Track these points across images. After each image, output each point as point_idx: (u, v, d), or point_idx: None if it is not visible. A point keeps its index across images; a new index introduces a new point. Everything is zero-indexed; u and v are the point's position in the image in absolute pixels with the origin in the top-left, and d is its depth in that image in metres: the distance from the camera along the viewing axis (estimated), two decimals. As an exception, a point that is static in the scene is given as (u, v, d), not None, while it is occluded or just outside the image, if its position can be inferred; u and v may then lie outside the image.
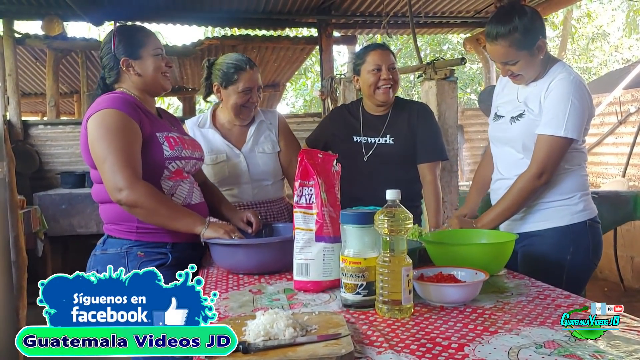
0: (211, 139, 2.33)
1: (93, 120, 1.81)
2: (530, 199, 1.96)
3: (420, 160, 2.47)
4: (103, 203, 1.90)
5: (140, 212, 1.79)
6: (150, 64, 1.92)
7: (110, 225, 1.90)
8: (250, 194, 2.32)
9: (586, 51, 16.52)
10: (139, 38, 1.93)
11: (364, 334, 1.21)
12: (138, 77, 1.92)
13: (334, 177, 1.65)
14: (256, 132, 2.35)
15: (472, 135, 7.72)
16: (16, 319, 3.27)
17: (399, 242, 1.31)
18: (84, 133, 1.84)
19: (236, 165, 2.30)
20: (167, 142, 1.88)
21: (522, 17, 1.90)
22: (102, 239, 1.93)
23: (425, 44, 15.08)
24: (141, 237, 1.86)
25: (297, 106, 18.13)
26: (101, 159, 1.77)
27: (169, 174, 1.89)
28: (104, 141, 1.77)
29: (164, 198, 1.84)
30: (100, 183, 1.85)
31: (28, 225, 4.55)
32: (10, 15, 6.07)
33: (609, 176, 6.64)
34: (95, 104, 1.84)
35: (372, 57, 2.39)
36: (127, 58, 1.91)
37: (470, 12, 6.82)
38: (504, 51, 1.92)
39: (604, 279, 5.25)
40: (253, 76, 2.25)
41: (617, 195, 4.19)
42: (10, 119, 5.92)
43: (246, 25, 6.77)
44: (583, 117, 1.91)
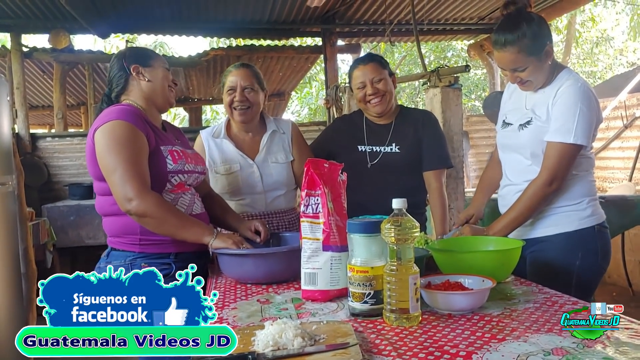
0: (225, 149, 2.34)
1: (101, 132, 1.82)
2: (542, 205, 1.97)
3: (426, 168, 2.47)
4: (107, 216, 1.92)
5: (150, 222, 1.80)
6: (160, 72, 1.98)
7: (113, 238, 1.91)
8: (262, 204, 2.33)
9: (590, 55, 16.48)
10: (150, 53, 2.04)
11: (372, 342, 1.21)
12: (148, 83, 1.96)
13: (340, 186, 1.66)
14: (269, 142, 2.36)
15: (478, 141, 7.70)
16: (26, 330, 3.28)
17: (405, 251, 1.32)
18: (90, 145, 1.86)
19: (249, 175, 2.31)
20: (171, 155, 1.91)
21: (530, 23, 1.91)
22: (106, 252, 1.95)
23: (429, 51, 15.08)
24: (144, 248, 1.87)
25: (302, 115, 18.16)
26: (110, 169, 1.79)
27: (171, 187, 1.90)
28: (113, 152, 1.78)
29: (173, 208, 1.86)
30: (104, 195, 1.87)
31: (37, 237, 4.58)
32: (18, 29, 6.14)
33: (616, 180, 6.61)
34: (102, 116, 1.86)
35: (355, 74, 2.42)
36: (138, 65, 1.95)
37: (474, 19, 6.83)
38: (513, 58, 1.93)
39: (612, 284, 5.22)
40: (237, 75, 2.29)
41: (624, 200, 4.17)
42: (18, 131, 5.97)
43: (251, 35, 6.81)
44: (591, 124, 1.91)
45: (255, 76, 2.32)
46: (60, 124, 6.70)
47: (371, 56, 2.49)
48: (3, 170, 3.15)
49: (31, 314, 3.37)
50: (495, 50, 1.97)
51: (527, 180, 2.00)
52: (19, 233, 3.34)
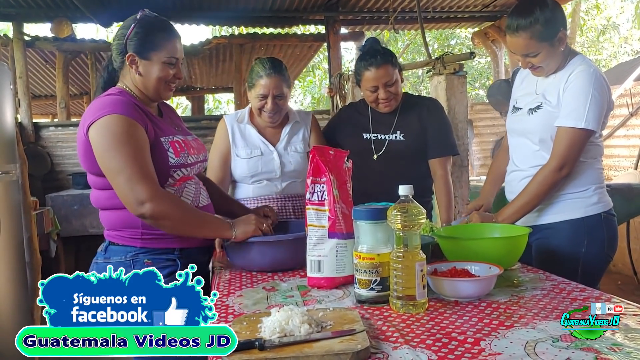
0: (248, 134, 2.37)
1: (97, 128, 1.66)
2: (551, 191, 1.95)
3: (431, 156, 2.46)
4: (105, 210, 1.78)
5: (167, 224, 1.68)
6: (157, 70, 1.77)
7: (112, 231, 1.77)
8: (279, 188, 2.36)
9: (595, 43, 16.38)
10: (157, 40, 1.77)
11: (379, 329, 1.21)
12: (139, 76, 1.78)
13: (345, 173, 1.65)
14: (290, 132, 2.40)
15: (482, 129, 7.68)
16: (31, 319, 3.31)
17: (412, 238, 1.31)
18: (83, 139, 1.70)
19: (269, 161, 2.34)
20: (172, 147, 1.77)
21: (543, 8, 1.89)
22: (103, 246, 1.80)
23: (433, 39, 15.01)
24: (147, 243, 1.73)
25: (305, 103, 18.13)
26: (114, 171, 1.64)
27: (173, 181, 1.77)
28: (114, 151, 1.63)
29: (189, 206, 1.76)
30: (102, 190, 1.74)
31: (41, 227, 4.60)
32: (20, 18, 6.11)
33: (621, 169, 6.59)
34: (96, 108, 1.69)
35: (367, 75, 2.35)
36: (135, 55, 1.76)
37: (478, 6, 6.78)
38: (526, 43, 1.91)
39: (617, 272, 5.21)
40: (269, 83, 2.24)
41: (629, 188, 4.15)
42: (21, 121, 5.96)
43: (254, 23, 6.78)
44: (602, 109, 1.90)
45: (285, 82, 2.29)
46: (63, 113, 6.70)
47: (383, 56, 2.36)
48: (7, 160, 3.15)
49: (35, 302, 3.38)
50: (507, 34, 1.96)
51: (534, 166, 1.98)
52: (23, 222, 3.35)
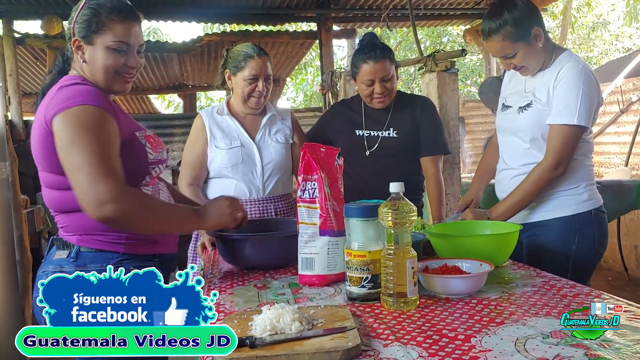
0: (227, 125, 2.35)
1: (63, 119, 1.44)
2: (546, 189, 1.96)
3: (423, 154, 2.47)
4: (73, 212, 1.53)
5: (132, 226, 1.49)
6: (101, 58, 1.55)
7: (87, 235, 1.54)
8: (259, 188, 2.30)
9: (587, 40, 16.47)
10: (101, 21, 1.54)
11: (370, 326, 1.21)
12: (85, 64, 1.57)
13: (336, 171, 1.65)
14: (269, 122, 2.38)
15: (474, 127, 7.71)
16: (22, 318, 3.29)
17: (403, 235, 1.31)
18: (45, 130, 1.48)
19: (249, 153, 2.31)
20: (149, 142, 1.61)
21: (511, 10, 1.91)
22: (67, 253, 1.54)
23: (425, 37, 15.03)
24: (131, 249, 1.55)
25: (298, 101, 18.10)
26: (75, 167, 1.42)
27: (150, 179, 1.63)
28: (78, 145, 1.42)
29: (154, 200, 1.59)
30: (59, 190, 1.54)
31: (32, 225, 4.57)
32: (10, 15, 6.05)
33: (612, 165, 6.63)
34: (64, 97, 1.48)
35: (364, 68, 2.35)
36: (79, 39, 1.55)
37: (470, 4, 6.78)
38: (500, 46, 1.94)
39: (608, 269, 5.25)
40: (261, 64, 2.25)
41: (620, 185, 4.18)
42: (11, 119, 5.91)
43: (245, 20, 6.76)
44: (593, 105, 1.91)
45: (270, 62, 2.31)
46: (54, 111, 6.65)
47: (382, 50, 2.36)
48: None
49: (27, 301, 3.36)
50: (483, 40, 2.00)
51: (524, 164, 1.99)
52: (13, 220, 3.33)
